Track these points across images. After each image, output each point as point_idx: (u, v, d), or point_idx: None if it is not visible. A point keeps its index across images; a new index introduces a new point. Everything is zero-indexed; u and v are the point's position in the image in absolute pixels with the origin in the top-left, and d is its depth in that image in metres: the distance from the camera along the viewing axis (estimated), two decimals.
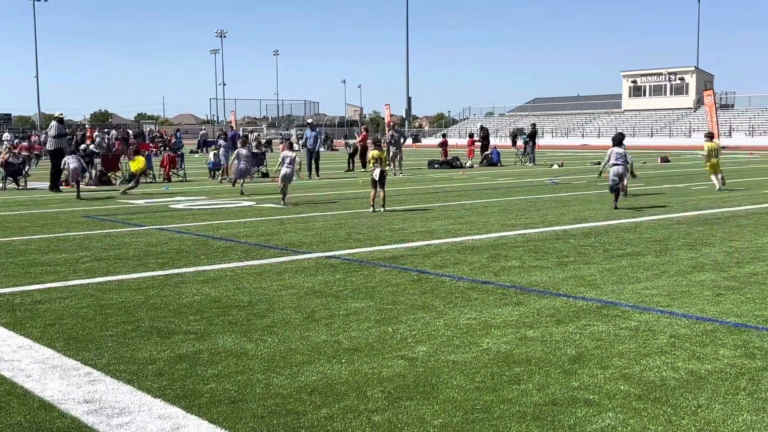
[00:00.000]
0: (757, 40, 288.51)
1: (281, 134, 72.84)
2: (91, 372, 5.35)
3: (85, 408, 4.65)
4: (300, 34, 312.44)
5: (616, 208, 15.57)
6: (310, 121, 33.65)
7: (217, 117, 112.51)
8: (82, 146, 27.94)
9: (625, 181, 16.49)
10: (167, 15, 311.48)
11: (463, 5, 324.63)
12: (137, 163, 22.03)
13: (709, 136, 20.66)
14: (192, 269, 9.30)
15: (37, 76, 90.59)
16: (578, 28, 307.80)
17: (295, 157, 17.87)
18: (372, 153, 15.99)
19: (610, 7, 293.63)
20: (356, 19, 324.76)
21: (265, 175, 27.97)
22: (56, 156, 22.25)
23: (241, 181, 20.83)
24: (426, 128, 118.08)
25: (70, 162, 20.54)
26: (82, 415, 4.54)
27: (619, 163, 15.80)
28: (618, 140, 16.22)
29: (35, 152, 38.86)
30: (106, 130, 48.79)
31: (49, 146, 22.86)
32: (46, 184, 24.48)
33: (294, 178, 18.17)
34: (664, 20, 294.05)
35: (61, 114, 24.14)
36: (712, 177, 20.30)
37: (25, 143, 35.03)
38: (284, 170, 17.56)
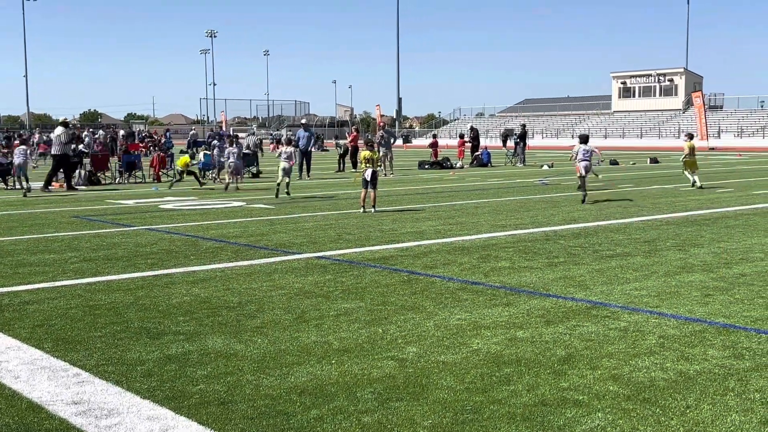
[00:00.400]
0: (745, 42, 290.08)
1: (271, 134, 72.71)
2: (80, 373, 5.33)
3: (74, 409, 4.63)
4: (291, 34, 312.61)
5: (583, 202, 17.19)
6: (304, 121, 33.67)
7: (208, 117, 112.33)
8: (72, 146, 27.82)
9: (588, 175, 18.57)
10: (157, 15, 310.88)
11: (453, 6, 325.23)
12: (182, 161, 24.05)
13: (689, 136, 22.33)
14: (181, 270, 9.27)
15: (26, 76, 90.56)
16: (568, 30, 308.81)
17: (292, 152, 19.37)
18: (363, 153, 15.99)
19: (599, 8, 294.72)
20: (347, 20, 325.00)
21: (256, 175, 27.95)
22: (62, 161, 23.01)
23: (232, 179, 22.08)
24: (416, 129, 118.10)
25: (16, 157, 21.31)
26: (71, 417, 4.52)
27: (586, 159, 17.81)
28: (584, 139, 18.38)
29: (40, 152, 39.24)
30: (92, 130, 48.61)
31: (55, 151, 23.06)
32: (35, 184, 24.42)
33: (292, 173, 19.52)
34: (653, 22, 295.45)
35: (66, 118, 24.42)
36: (687, 174, 21.61)
37: (17, 141, 34.88)
38: (283, 164, 18.75)
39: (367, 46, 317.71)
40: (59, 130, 23.33)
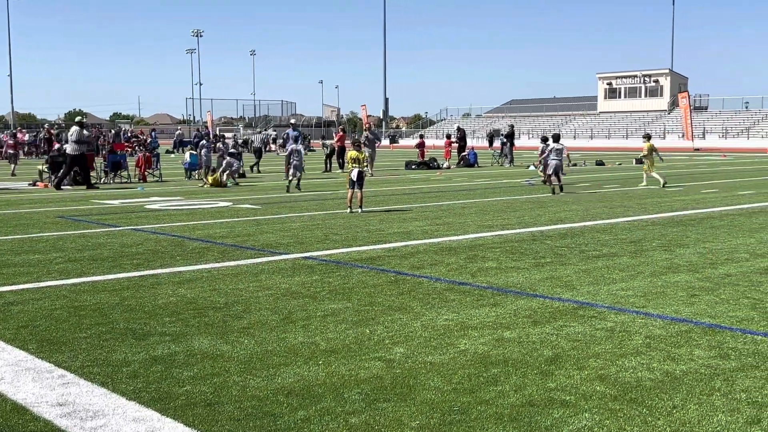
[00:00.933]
0: (730, 44, 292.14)
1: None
2: (65, 374, 5.29)
3: (59, 411, 4.60)
4: (277, 34, 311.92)
5: (553, 193, 19.28)
6: (293, 121, 33.72)
7: (194, 117, 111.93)
8: (57, 146, 27.65)
9: (561, 173, 19.84)
10: (143, 14, 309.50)
11: (440, 6, 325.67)
12: (213, 178, 23.50)
13: (647, 137, 22.63)
14: (168, 270, 9.23)
15: (10, 75, 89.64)
16: (554, 30, 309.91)
17: (300, 150, 21.62)
18: (350, 153, 15.99)
19: (586, 9, 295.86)
20: (334, 20, 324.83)
21: (242, 175, 27.86)
22: (78, 160, 23.07)
23: (229, 178, 23.87)
24: (403, 129, 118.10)
25: None
26: (56, 418, 4.48)
27: (557, 158, 19.26)
28: (555, 138, 19.88)
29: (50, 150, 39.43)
30: None
31: (70, 150, 22.95)
32: (20, 184, 24.45)
33: (301, 171, 21.54)
34: (639, 23, 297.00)
35: (81, 118, 24.34)
36: (654, 174, 21.66)
37: (11, 141, 34.62)
38: (294, 162, 21.21)
39: (353, 46, 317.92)
40: (73, 129, 23.30)
